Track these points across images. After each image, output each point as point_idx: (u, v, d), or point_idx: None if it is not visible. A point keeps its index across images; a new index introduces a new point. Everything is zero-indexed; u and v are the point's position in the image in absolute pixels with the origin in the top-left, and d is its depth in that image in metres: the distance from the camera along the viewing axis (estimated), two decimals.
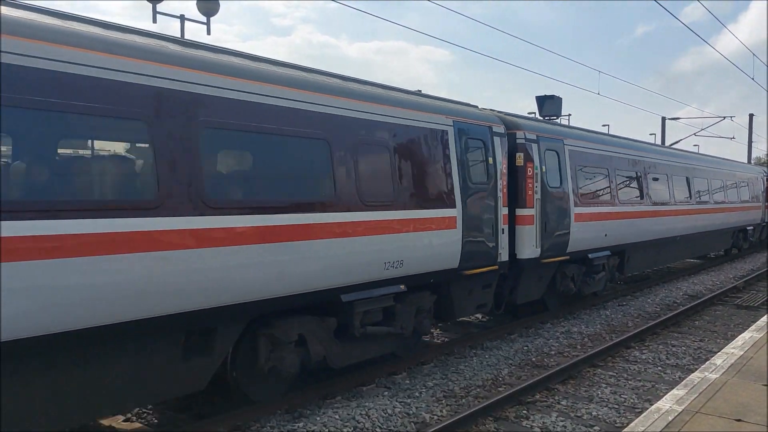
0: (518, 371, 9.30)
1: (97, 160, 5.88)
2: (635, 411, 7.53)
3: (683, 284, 18.03)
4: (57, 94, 5.00)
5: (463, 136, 9.60)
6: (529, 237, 11.00)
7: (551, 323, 12.49)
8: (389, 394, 8.03)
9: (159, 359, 5.92)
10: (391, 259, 8.08)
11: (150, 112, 5.65)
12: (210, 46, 6.88)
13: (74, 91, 5.12)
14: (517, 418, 7.38)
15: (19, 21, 4.97)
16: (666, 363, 9.85)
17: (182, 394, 6.41)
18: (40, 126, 4.96)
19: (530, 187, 11.08)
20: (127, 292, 5.33)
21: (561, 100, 15.81)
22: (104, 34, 5.63)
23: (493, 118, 10.70)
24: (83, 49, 5.26)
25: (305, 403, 7.61)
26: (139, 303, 5.44)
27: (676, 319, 12.91)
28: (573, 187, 12.48)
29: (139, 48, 5.78)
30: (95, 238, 5.12)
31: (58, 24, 5.31)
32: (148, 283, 5.46)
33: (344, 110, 7.68)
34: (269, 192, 6.72)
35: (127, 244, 5.33)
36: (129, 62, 5.55)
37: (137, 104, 5.55)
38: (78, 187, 5.28)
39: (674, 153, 19.97)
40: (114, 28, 5.88)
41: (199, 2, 15.92)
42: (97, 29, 5.65)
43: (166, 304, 5.67)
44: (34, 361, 5.03)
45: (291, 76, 7.32)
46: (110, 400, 5.64)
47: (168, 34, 6.58)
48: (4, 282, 4.59)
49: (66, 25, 5.38)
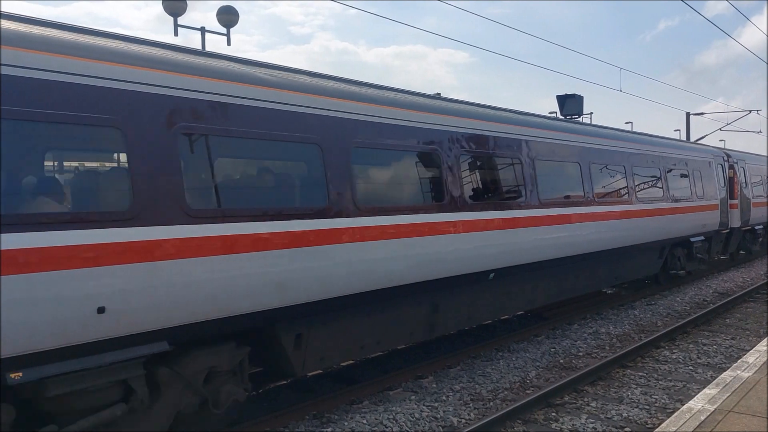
0: (546, 373, 9.24)
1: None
2: (666, 411, 7.43)
3: (713, 282, 17.73)
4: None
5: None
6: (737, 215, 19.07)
7: (578, 324, 12.37)
8: (416, 398, 8.03)
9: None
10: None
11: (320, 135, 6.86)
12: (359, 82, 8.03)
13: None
14: (546, 420, 7.32)
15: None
16: (697, 362, 9.70)
17: None
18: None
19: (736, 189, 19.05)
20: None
21: (582, 99, 15.75)
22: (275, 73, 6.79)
23: (721, 153, 18.24)
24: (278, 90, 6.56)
25: (333, 409, 7.65)
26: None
27: (707, 317, 12.70)
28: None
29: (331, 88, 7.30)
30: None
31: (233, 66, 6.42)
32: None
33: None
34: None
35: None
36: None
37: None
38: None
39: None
40: (279, 69, 7.00)
41: (219, 14, 16.17)
42: (267, 70, 6.76)
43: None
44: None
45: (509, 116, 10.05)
46: None
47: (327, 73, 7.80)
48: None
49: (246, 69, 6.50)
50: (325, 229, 6.71)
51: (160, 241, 5.31)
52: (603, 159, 12.42)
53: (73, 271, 4.76)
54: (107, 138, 5.21)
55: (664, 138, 16.86)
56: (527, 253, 9.84)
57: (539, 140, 10.59)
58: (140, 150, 5.29)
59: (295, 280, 6.36)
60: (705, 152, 18.39)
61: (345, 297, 6.96)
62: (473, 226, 8.72)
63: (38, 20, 5.28)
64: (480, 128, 9.35)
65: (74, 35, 5.32)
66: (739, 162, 20.53)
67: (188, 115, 5.71)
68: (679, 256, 16.47)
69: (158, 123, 5.46)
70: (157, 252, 5.26)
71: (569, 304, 13.28)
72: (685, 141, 21.96)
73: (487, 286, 9.51)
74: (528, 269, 10.10)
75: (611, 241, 12.26)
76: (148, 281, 5.19)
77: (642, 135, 15.66)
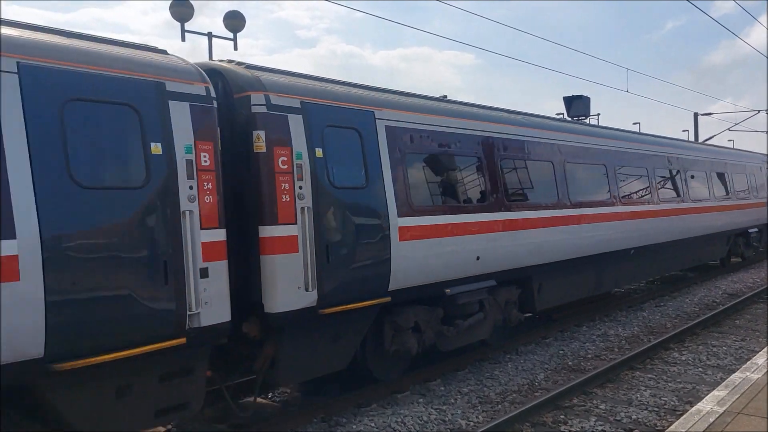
0: (554, 375, 9.22)
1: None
2: (676, 413, 7.40)
3: (722, 283, 17.63)
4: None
5: None
6: None
7: (587, 326, 12.34)
8: (424, 401, 8.04)
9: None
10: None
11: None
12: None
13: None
14: (554, 423, 7.31)
15: None
16: (706, 364, 9.65)
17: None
18: None
19: None
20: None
21: (589, 100, 15.74)
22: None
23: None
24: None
25: (341, 411, 7.65)
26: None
27: (716, 318, 12.63)
28: None
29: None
30: None
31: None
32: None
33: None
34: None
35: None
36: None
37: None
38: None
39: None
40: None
41: (226, 19, 16.25)
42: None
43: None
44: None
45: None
46: None
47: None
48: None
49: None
50: (556, 216, 10.55)
51: (495, 222, 9.24)
52: (695, 167, 16.72)
53: (467, 237, 8.66)
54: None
55: (724, 147, 22.13)
56: (654, 237, 13.84)
57: (686, 157, 16.19)
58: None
59: (543, 247, 10.23)
60: (755, 158, 22.64)
61: (562, 261, 10.76)
62: (632, 215, 12.91)
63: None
64: (660, 152, 14.94)
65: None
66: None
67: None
68: (740, 244, 20.59)
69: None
70: (495, 227, 9.21)
71: (578, 306, 13.25)
72: (739, 149, 23.15)
73: (628, 258, 13.18)
74: (653, 249, 14.05)
75: (702, 230, 16.56)
76: (493, 244, 9.10)
77: (714, 146, 21.37)
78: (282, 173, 6.51)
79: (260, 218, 6.42)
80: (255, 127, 6.46)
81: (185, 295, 5.57)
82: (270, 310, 6.44)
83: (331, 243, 6.87)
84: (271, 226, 6.40)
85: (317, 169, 6.83)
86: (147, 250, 5.33)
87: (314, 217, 6.69)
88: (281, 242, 6.45)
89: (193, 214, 5.64)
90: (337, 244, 6.95)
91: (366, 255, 7.27)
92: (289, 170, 6.58)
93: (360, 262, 7.19)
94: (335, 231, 6.95)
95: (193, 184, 5.68)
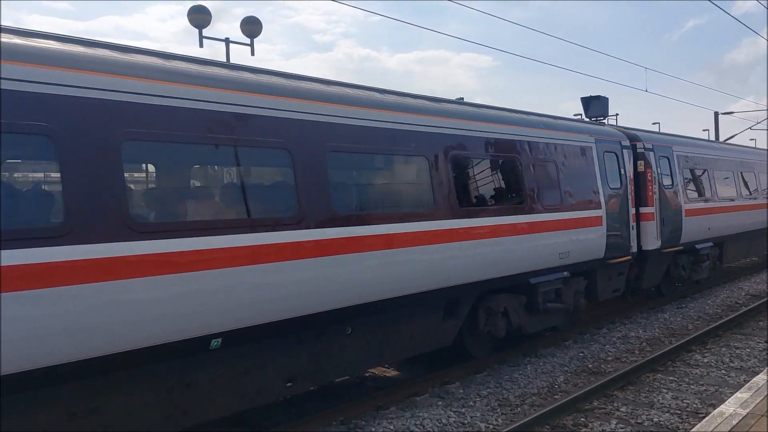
0: (574, 378, 9.15)
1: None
2: (698, 416, 7.31)
3: (745, 284, 17.39)
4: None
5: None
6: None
7: (607, 328, 12.24)
8: (443, 404, 8.02)
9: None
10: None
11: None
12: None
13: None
14: (575, 426, 7.25)
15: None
16: (729, 366, 9.52)
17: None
18: None
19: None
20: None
21: (607, 100, 15.57)
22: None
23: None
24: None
25: (360, 415, 7.66)
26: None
27: (739, 320, 12.46)
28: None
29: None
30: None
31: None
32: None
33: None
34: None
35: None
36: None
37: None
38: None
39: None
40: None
41: (243, 25, 16.39)
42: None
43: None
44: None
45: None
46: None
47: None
48: None
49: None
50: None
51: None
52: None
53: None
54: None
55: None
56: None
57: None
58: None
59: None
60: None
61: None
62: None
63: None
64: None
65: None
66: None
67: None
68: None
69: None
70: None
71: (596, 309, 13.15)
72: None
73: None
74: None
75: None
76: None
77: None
78: (649, 182, 13.21)
79: (642, 203, 13.01)
80: (639, 158, 13.28)
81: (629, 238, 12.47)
82: (645, 248, 13.02)
83: (664, 218, 13.53)
84: (646, 207, 13.05)
85: (659, 178, 13.58)
86: (623, 216, 12.28)
87: (658, 202, 13.33)
88: (648, 215, 13.08)
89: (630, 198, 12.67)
90: (667, 219, 13.66)
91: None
92: (650, 179, 13.27)
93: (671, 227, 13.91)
94: (663, 213, 13.49)
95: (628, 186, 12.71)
